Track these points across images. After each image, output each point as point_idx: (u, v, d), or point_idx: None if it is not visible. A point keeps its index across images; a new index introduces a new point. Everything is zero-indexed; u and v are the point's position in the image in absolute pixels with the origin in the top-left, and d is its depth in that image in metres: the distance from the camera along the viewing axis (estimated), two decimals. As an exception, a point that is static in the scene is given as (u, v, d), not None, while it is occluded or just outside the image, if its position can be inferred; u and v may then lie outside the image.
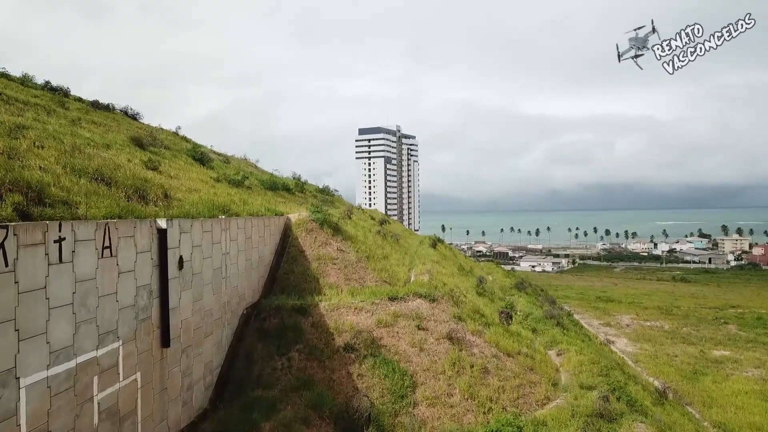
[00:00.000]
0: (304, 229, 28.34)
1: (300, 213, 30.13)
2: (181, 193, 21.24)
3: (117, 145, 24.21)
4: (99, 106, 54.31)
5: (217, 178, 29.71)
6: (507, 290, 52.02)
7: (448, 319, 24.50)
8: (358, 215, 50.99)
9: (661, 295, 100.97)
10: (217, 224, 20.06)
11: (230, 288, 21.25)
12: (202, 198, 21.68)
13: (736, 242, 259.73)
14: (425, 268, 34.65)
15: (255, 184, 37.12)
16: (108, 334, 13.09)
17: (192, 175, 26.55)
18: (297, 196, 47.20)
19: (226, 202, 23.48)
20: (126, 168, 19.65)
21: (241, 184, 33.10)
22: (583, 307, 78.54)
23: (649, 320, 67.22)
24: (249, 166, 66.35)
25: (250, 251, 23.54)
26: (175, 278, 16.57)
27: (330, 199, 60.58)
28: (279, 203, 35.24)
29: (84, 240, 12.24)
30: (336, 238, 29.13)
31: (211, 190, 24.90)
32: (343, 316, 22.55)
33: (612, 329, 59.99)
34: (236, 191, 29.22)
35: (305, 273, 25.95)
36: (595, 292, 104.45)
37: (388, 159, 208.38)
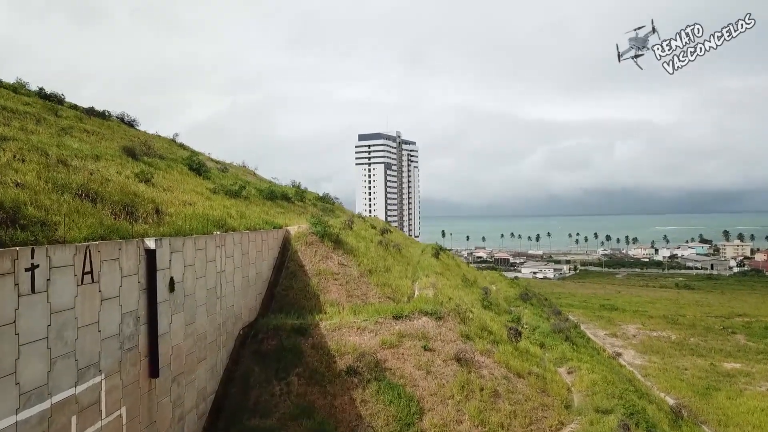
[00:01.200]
0: (303, 243, 27.18)
1: (300, 225, 28.97)
2: (175, 207, 20.08)
3: (107, 156, 23.08)
4: (94, 114, 53.27)
5: (213, 189, 28.57)
6: (512, 301, 50.82)
7: (456, 339, 23.29)
8: (359, 225, 49.84)
9: (666, 303, 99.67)
10: (212, 241, 18.90)
11: (226, 308, 20.06)
12: (196, 212, 20.52)
13: (737, 248, 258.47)
14: (429, 281, 33.46)
15: (253, 194, 35.98)
16: (89, 368, 11.90)
17: (187, 187, 25.41)
18: (296, 205, 46.06)
19: (222, 215, 22.33)
20: (115, 182, 18.52)
21: (239, 195, 31.96)
22: (588, 316, 77.27)
23: (655, 330, 65.95)
24: (247, 173, 65.25)
25: (247, 268, 22.36)
26: (165, 301, 15.39)
27: (330, 207, 59.45)
28: (278, 214, 34.10)
29: (61, 266, 11.07)
30: (337, 252, 27.95)
31: (207, 203, 23.76)
32: (345, 337, 21.34)
33: (618, 340, 58.71)
34: (233, 203, 28.09)
35: (305, 289, 24.77)
36: (599, 300, 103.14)
37: (388, 165, 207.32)
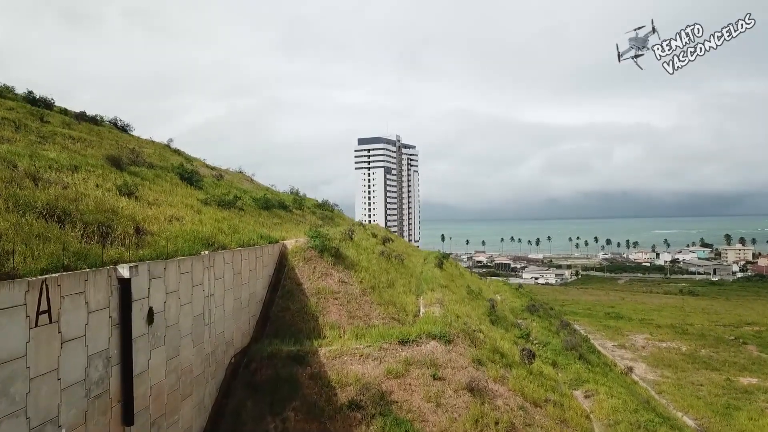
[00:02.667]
0: (301, 258, 25.32)
1: (297, 239, 27.12)
2: (159, 224, 18.22)
3: (88, 167, 21.22)
4: (85, 119, 51.31)
5: (205, 200, 26.71)
6: (518, 313, 49.01)
7: (467, 364, 21.41)
8: (359, 234, 47.99)
9: (672, 311, 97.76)
10: (199, 262, 17.04)
11: (215, 335, 18.18)
12: (183, 229, 18.65)
13: (739, 252, 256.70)
14: (435, 296, 31.62)
15: (248, 204, 34.14)
16: (44, 425, 10.03)
17: (176, 199, 23.54)
18: (294, 214, 44.25)
19: (213, 231, 20.46)
20: (91, 197, 16.65)
21: (233, 206, 30.12)
22: (594, 325, 75.36)
23: (664, 341, 64.07)
24: (244, 179, 63.37)
25: (239, 289, 20.49)
26: (143, 336, 13.53)
27: (329, 214, 57.64)
28: (274, 225, 32.26)
29: (8, 307, 9.23)
30: (337, 268, 26.09)
31: (197, 217, 21.89)
32: (346, 366, 19.45)
33: (628, 352, 56.81)
34: (226, 215, 26.22)
35: (303, 310, 22.89)
36: (603, 307, 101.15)
37: (388, 169, 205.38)
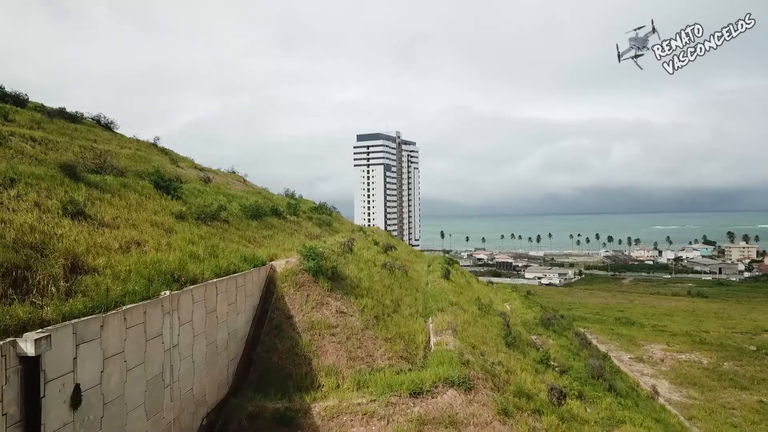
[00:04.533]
0: (292, 284, 21.53)
1: (288, 259, 23.30)
2: (110, 255, 14.43)
3: (30, 179, 17.37)
4: (65, 116, 47.62)
5: (181, 214, 22.88)
6: (532, 327, 45.28)
7: (492, 418, 17.67)
8: (359, 242, 44.22)
9: (683, 316, 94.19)
10: (157, 308, 13.25)
11: (180, 396, 14.41)
12: (141, 260, 14.86)
13: (743, 250, 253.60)
14: (446, 320, 27.88)
15: (235, 214, 30.29)
16: None
17: (142, 216, 19.71)
18: (288, 221, 40.44)
19: (182, 259, 16.67)
20: (15, 225, 12.84)
21: (216, 218, 26.31)
22: (606, 333, 71.70)
23: (682, 352, 60.42)
24: (236, 181, 59.44)
25: (214, 330, 16.71)
26: (65, 426, 9.78)
27: (327, 218, 53.87)
28: (264, 239, 28.46)
29: None
30: (335, 294, 22.29)
31: (165, 240, 18.08)
32: (346, 428, 15.70)
33: (647, 367, 53.16)
34: (205, 232, 22.41)
35: (293, 350, 19.09)
36: (612, 311, 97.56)
37: (387, 166, 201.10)
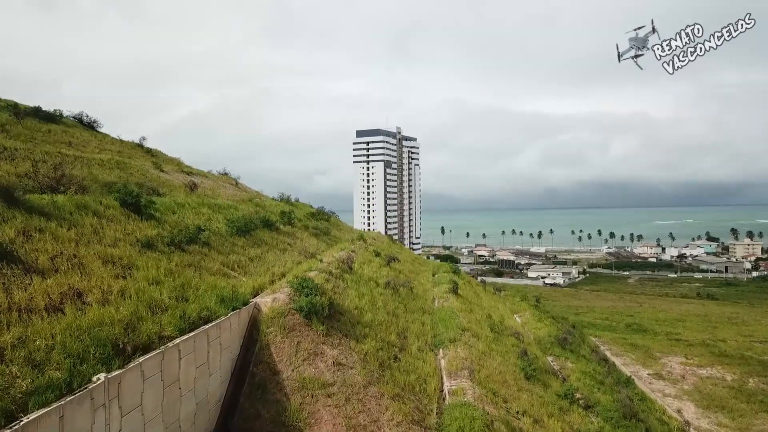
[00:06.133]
0: (280, 328, 17.84)
1: (275, 294, 19.57)
2: (30, 321, 10.75)
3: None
4: (39, 115, 43.96)
5: (148, 242, 19.17)
6: (547, 347, 41.66)
7: None
8: (360, 255, 40.55)
9: (696, 321, 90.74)
10: (83, 404, 9.59)
11: None
12: (73, 325, 11.18)
13: (747, 247, 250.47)
14: (459, 356, 24.33)
15: (218, 232, 26.60)
16: None
17: (94, 250, 16.00)
18: (282, 233, 36.73)
19: (135, 313, 12.99)
20: None
21: (193, 241, 22.59)
22: (618, 343, 68.19)
23: (702, 366, 56.95)
24: (228, 183, 55.72)
25: (175, 406, 13.04)
26: None
27: (325, 226, 50.16)
28: (250, 263, 24.77)
29: None
30: (331, 339, 18.61)
31: (117, 284, 14.38)
32: None
33: (668, 385, 49.64)
34: (176, 263, 18.70)
35: (279, 418, 15.42)
36: (622, 316, 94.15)
37: (388, 163, 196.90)
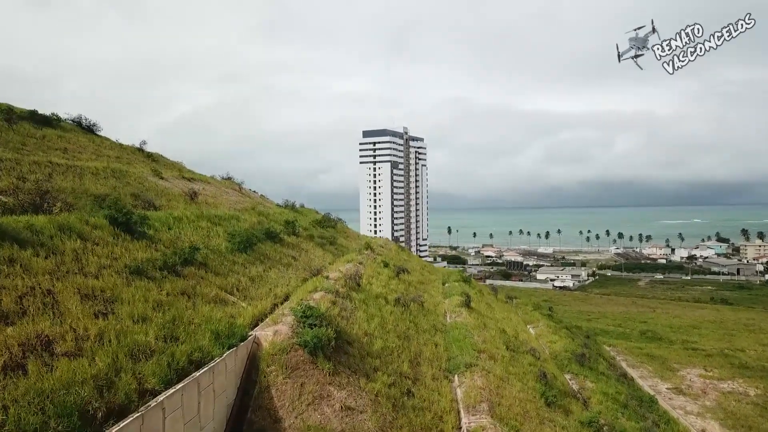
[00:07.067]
0: (282, 368, 15.99)
1: (277, 327, 17.72)
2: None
3: None
4: (35, 119, 42.46)
5: (138, 268, 17.40)
6: (564, 364, 39.70)
7: None
8: (368, 268, 38.69)
9: (712, 328, 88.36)
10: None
11: None
12: (32, 389, 9.38)
13: (759, 248, 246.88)
14: (476, 387, 22.45)
15: (217, 250, 24.85)
16: None
17: (72, 282, 14.23)
18: (286, 245, 34.95)
19: (112, 365, 11.21)
20: None
21: (189, 262, 20.85)
22: (633, 352, 66.01)
23: (723, 380, 54.74)
24: (231, 188, 54.12)
25: (157, 476, 11.23)
26: None
27: (332, 234, 48.37)
28: (251, 285, 22.97)
29: None
30: (339, 378, 16.76)
31: (95, 326, 12.60)
32: None
33: (689, 401, 47.48)
34: (168, 291, 16.93)
35: (281, 477, 13.61)
36: (635, 323, 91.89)
37: (394, 164, 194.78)
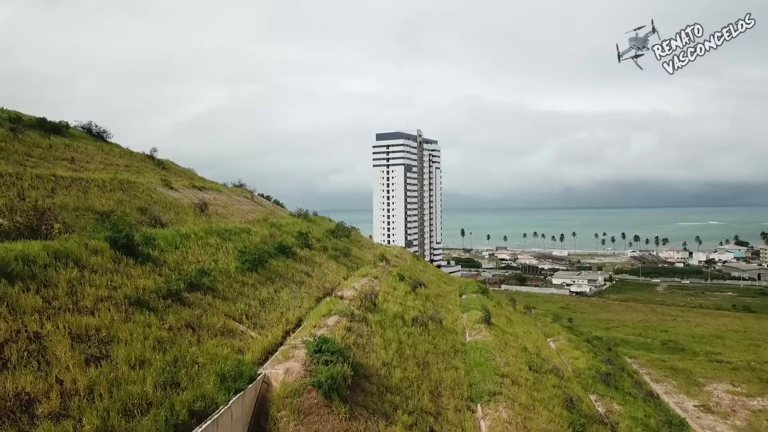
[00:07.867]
0: (293, 412, 14.58)
1: (288, 364, 16.33)
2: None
3: None
4: (44, 127, 41.50)
5: (138, 299, 16.14)
6: (588, 383, 37.89)
7: None
8: (383, 283, 37.25)
9: (736, 338, 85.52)
10: None
11: None
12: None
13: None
14: (502, 421, 20.93)
15: (225, 271, 23.56)
16: None
17: (63, 321, 12.96)
18: (299, 260, 33.60)
19: (101, 426, 9.87)
20: None
21: (196, 287, 19.59)
22: (656, 365, 63.81)
23: (752, 396, 52.45)
24: (243, 197, 53.06)
25: None
26: None
27: (345, 245, 46.98)
28: (261, 310, 21.62)
29: None
30: (356, 423, 15.28)
31: (85, 376, 11.30)
32: None
33: (718, 420, 45.37)
34: (171, 324, 15.63)
35: None
36: (656, 332, 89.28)
37: (408, 167, 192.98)
